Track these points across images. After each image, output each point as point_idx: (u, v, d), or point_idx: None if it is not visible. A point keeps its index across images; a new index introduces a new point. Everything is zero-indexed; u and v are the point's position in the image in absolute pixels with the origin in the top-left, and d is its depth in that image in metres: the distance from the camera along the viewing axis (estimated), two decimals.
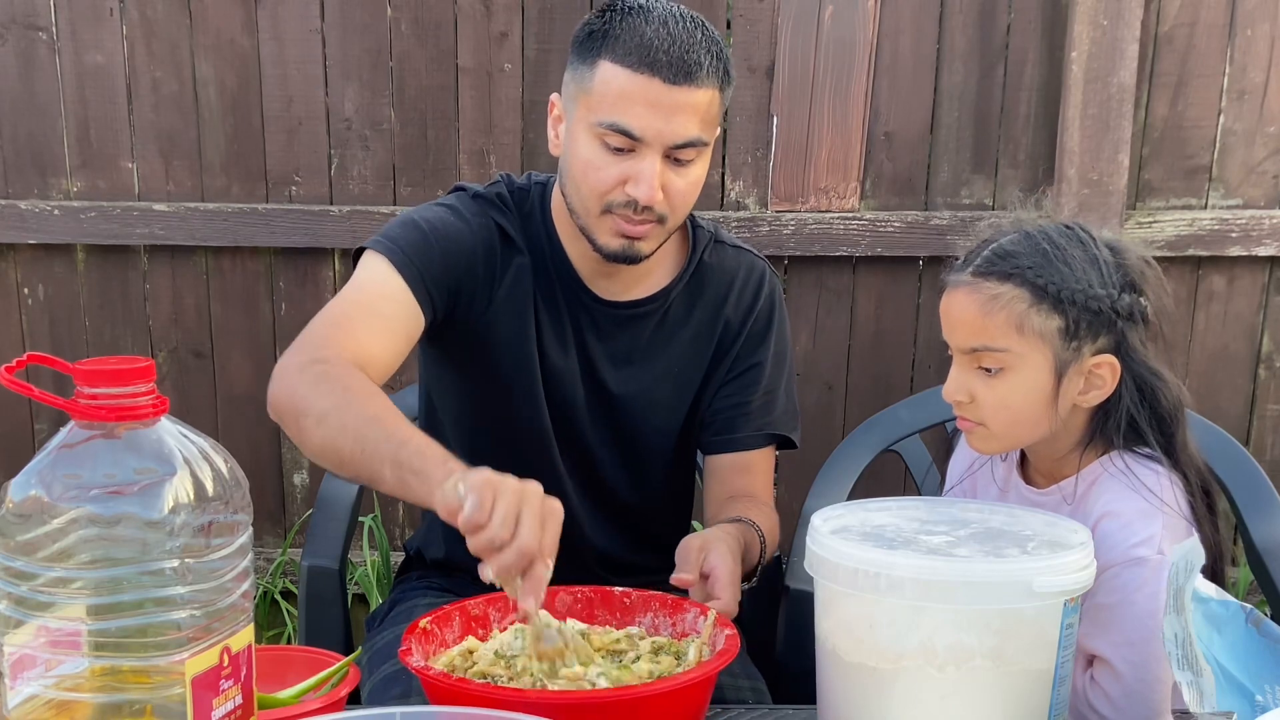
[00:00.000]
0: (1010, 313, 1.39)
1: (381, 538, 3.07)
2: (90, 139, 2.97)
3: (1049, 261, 1.39)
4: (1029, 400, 1.41)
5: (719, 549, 1.50)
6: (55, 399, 0.93)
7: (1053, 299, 1.38)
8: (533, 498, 1.23)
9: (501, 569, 1.20)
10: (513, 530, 1.19)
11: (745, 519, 1.67)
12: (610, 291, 1.75)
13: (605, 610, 1.42)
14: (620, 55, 1.56)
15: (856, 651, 1.18)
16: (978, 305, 1.41)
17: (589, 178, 1.61)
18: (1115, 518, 1.38)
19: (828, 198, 2.98)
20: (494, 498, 1.20)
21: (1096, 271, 1.39)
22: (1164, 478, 1.41)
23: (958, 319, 1.44)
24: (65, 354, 1.24)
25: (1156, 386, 1.42)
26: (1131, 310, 1.40)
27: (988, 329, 1.40)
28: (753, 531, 1.65)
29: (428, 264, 1.64)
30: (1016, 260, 1.40)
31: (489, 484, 1.22)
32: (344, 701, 1.19)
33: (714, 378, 1.81)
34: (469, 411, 1.79)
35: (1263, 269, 2.99)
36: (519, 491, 1.22)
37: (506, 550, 1.19)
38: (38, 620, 0.88)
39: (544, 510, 1.23)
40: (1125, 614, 1.34)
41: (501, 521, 1.19)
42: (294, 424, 1.48)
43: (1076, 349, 1.39)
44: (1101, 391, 1.42)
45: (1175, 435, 1.44)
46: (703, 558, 1.49)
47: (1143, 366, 1.42)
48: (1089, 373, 1.41)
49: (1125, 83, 2.83)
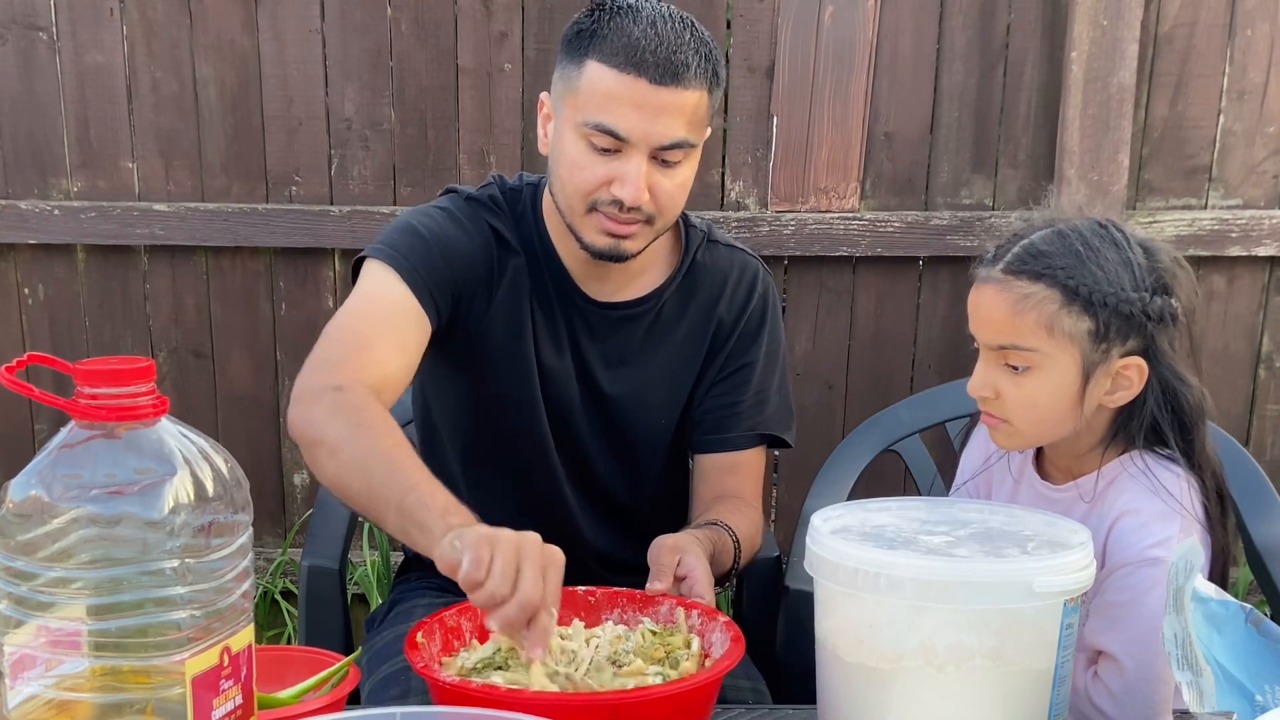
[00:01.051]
0: (1041, 313, 1.37)
1: (381, 538, 3.07)
2: (90, 139, 2.97)
3: (1082, 263, 1.37)
4: (1055, 400, 1.40)
5: (695, 551, 1.50)
6: (55, 399, 0.93)
7: (1084, 301, 1.36)
8: (531, 548, 1.22)
9: (505, 623, 1.19)
10: (513, 584, 1.19)
11: (720, 523, 1.67)
12: (602, 293, 1.75)
13: (570, 610, 1.40)
14: (607, 55, 1.56)
15: (856, 651, 1.18)
16: (1008, 304, 1.39)
17: (575, 177, 1.61)
18: (1135, 516, 1.38)
19: (828, 198, 2.98)
20: (490, 553, 1.20)
21: (1129, 274, 1.38)
22: (1183, 480, 1.40)
23: (986, 316, 1.42)
24: (65, 354, 1.24)
25: (1180, 390, 1.41)
26: (1162, 313, 1.38)
27: (1017, 328, 1.39)
28: (726, 536, 1.65)
29: (431, 271, 1.64)
30: (1049, 260, 1.38)
31: (484, 539, 1.22)
32: (344, 701, 1.19)
33: (706, 377, 1.81)
34: (466, 413, 1.79)
35: (1263, 269, 2.99)
36: (515, 544, 1.22)
37: (508, 604, 1.19)
38: (38, 620, 0.88)
39: (544, 559, 1.22)
40: (1135, 613, 1.34)
41: (501, 576, 1.18)
42: (309, 452, 1.49)
43: (1105, 351, 1.38)
44: (1128, 393, 1.41)
45: (1195, 439, 1.44)
46: (676, 559, 1.49)
47: (1169, 370, 1.41)
48: (1116, 374, 1.40)
49: (1125, 83, 2.83)
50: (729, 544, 1.65)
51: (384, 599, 2.03)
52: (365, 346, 1.57)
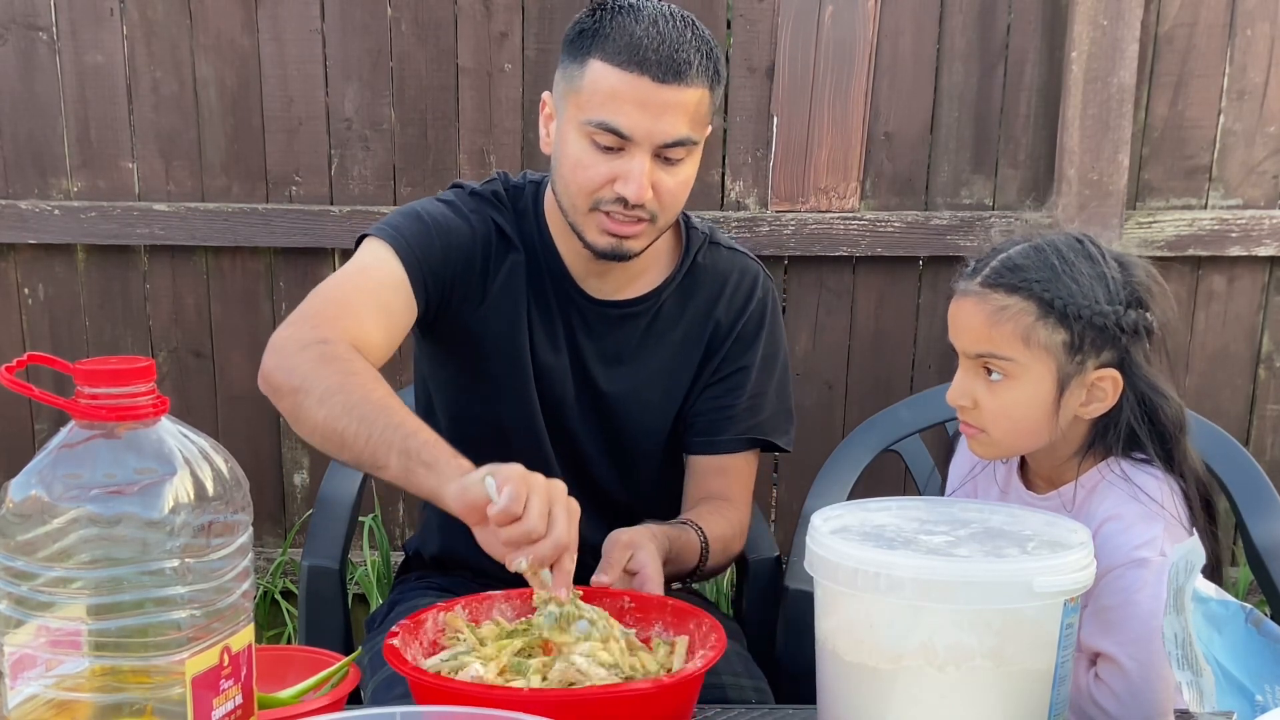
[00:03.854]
0: (1017, 324, 1.40)
1: (381, 538, 3.07)
2: (90, 139, 2.97)
3: (1057, 276, 1.40)
4: (1031, 409, 1.43)
5: (649, 548, 1.51)
6: (55, 399, 0.93)
7: (1059, 313, 1.39)
8: (560, 493, 1.28)
9: (538, 559, 1.24)
10: (547, 523, 1.24)
11: (690, 523, 1.68)
12: (602, 291, 1.75)
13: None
14: (610, 54, 1.56)
15: (856, 651, 1.18)
16: (985, 315, 1.42)
17: (578, 176, 1.61)
18: (1117, 520, 1.39)
19: (828, 198, 2.98)
20: (529, 491, 1.25)
21: (1104, 287, 1.41)
22: (1163, 483, 1.42)
23: (965, 325, 1.46)
24: (65, 354, 1.24)
25: (1157, 403, 1.44)
26: (1136, 326, 1.41)
27: (994, 338, 1.42)
28: (692, 535, 1.66)
29: (427, 256, 1.66)
30: (1025, 273, 1.41)
31: (522, 479, 1.26)
32: (344, 701, 1.19)
33: (701, 379, 1.81)
34: (463, 407, 1.80)
35: (1263, 269, 2.99)
36: (549, 487, 1.27)
37: (543, 542, 1.24)
38: (38, 620, 0.88)
39: (570, 507, 1.28)
40: (1129, 614, 1.35)
41: (538, 515, 1.24)
42: (291, 400, 1.48)
43: (1080, 362, 1.41)
44: (1103, 404, 1.44)
45: (1175, 450, 1.46)
46: (629, 555, 1.49)
47: (1144, 382, 1.44)
48: (1091, 385, 1.42)
49: (1125, 83, 2.83)
50: (694, 543, 1.66)
51: (384, 599, 2.03)
52: (351, 311, 1.58)
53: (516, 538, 1.24)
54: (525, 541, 1.24)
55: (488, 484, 1.26)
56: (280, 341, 1.54)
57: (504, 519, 1.24)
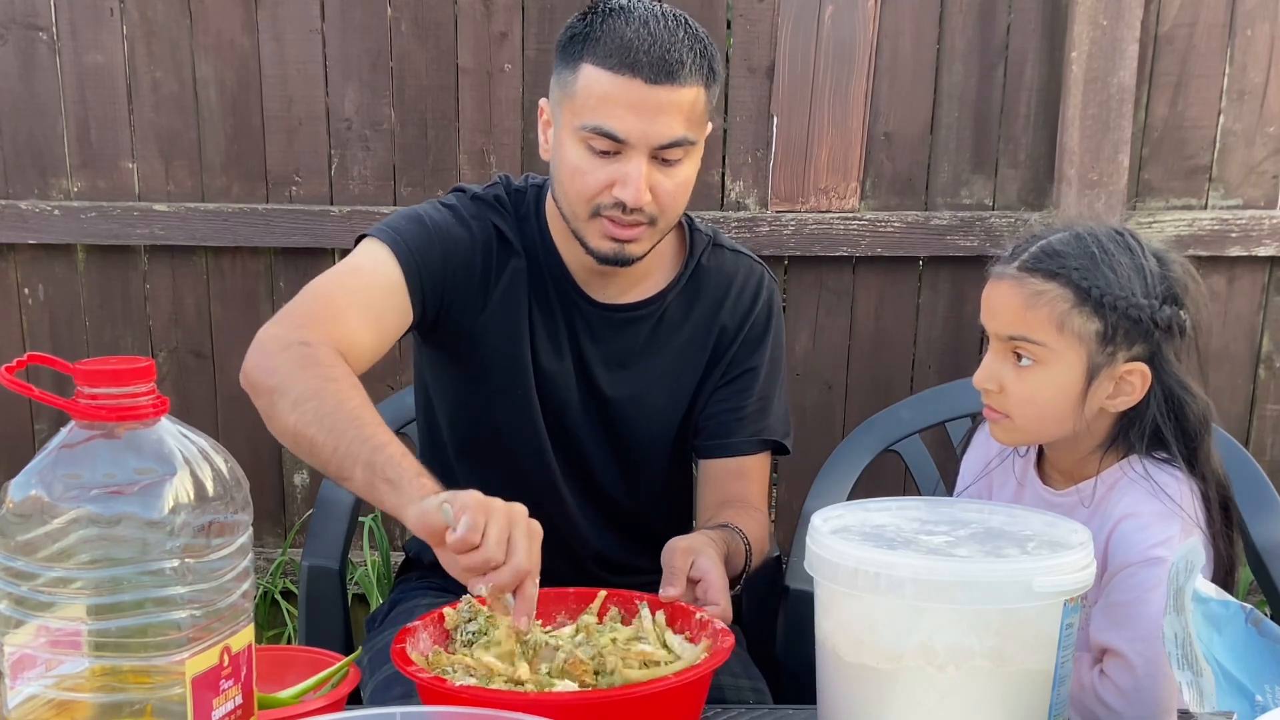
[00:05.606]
0: (1052, 310, 1.40)
1: (381, 538, 3.07)
2: (90, 139, 2.97)
3: (1096, 265, 1.40)
4: (1057, 397, 1.43)
5: (708, 553, 1.49)
6: (55, 399, 0.93)
7: (1095, 302, 1.39)
8: (520, 518, 1.26)
9: (498, 587, 1.23)
10: (506, 550, 1.23)
11: (732, 526, 1.66)
12: (605, 294, 1.74)
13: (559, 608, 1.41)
14: (601, 57, 1.55)
15: (856, 651, 1.18)
16: (1021, 298, 1.42)
17: (576, 182, 1.60)
18: (1135, 518, 1.40)
19: (828, 198, 2.98)
20: (486, 519, 1.23)
21: (1141, 280, 1.41)
22: (1183, 484, 1.43)
23: (999, 307, 1.45)
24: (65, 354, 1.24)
25: (1185, 400, 1.44)
26: (1170, 322, 1.41)
27: (1028, 321, 1.42)
28: (738, 539, 1.64)
29: (426, 261, 1.65)
30: (1064, 260, 1.41)
31: (480, 506, 1.24)
32: (344, 701, 1.19)
33: (708, 382, 1.80)
34: (464, 412, 1.79)
35: (1263, 269, 2.99)
36: (508, 512, 1.26)
37: (502, 570, 1.23)
38: (38, 620, 0.88)
39: (530, 530, 1.26)
40: (1140, 611, 1.35)
41: (496, 543, 1.22)
42: (267, 400, 1.48)
43: (1111, 354, 1.41)
44: (1129, 398, 1.43)
45: (1200, 449, 1.46)
46: (689, 562, 1.48)
47: (1173, 379, 1.43)
48: (1120, 378, 1.42)
49: (1125, 83, 2.83)
50: (741, 547, 1.64)
51: (384, 599, 2.03)
52: (339, 312, 1.57)
53: (475, 565, 1.23)
54: (484, 569, 1.23)
55: (444, 512, 1.24)
56: (264, 339, 1.53)
57: (461, 548, 1.23)
